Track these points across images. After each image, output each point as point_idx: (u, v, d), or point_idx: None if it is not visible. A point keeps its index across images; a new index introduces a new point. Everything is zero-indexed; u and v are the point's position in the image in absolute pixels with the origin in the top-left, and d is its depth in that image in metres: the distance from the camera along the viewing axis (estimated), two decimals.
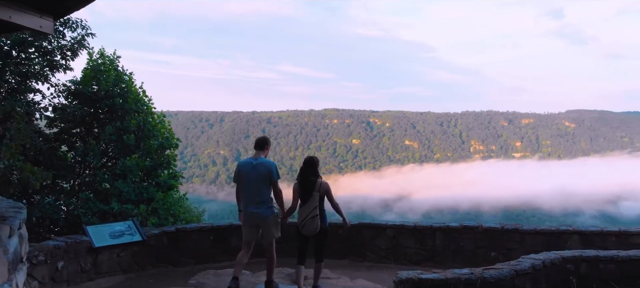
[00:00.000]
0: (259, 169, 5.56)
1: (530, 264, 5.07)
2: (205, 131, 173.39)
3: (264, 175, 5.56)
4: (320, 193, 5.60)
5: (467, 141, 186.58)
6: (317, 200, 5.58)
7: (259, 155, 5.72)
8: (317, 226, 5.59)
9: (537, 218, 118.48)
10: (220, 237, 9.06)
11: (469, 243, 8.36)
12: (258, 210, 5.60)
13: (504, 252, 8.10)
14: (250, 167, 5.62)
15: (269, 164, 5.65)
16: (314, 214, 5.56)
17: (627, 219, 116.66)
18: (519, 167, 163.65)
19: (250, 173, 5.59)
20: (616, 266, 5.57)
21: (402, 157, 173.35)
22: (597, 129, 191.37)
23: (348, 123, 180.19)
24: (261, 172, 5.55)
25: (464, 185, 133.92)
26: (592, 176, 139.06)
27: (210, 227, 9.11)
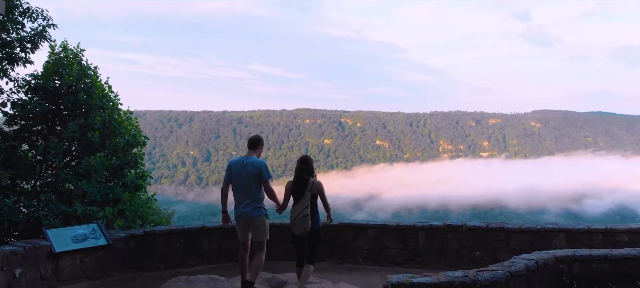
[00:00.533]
0: (248, 168, 5.51)
1: (524, 265, 4.87)
2: (174, 131, 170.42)
3: (253, 174, 5.49)
4: (312, 192, 5.48)
5: (436, 141, 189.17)
6: (309, 199, 5.45)
7: (251, 155, 5.67)
8: (308, 226, 5.44)
9: (504, 217, 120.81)
10: (191, 240, 8.57)
11: (453, 242, 8.12)
12: (247, 210, 5.53)
13: (489, 251, 7.92)
14: (241, 165, 5.57)
15: (259, 163, 5.57)
16: (305, 213, 5.42)
17: (591, 217, 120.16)
18: (486, 166, 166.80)
19: (241, 171, 5.53)
20: (609, 265, 5.41)
21: (373, 157, 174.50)
22: (562, 129, 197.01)
23: (320, 123, 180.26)
24: (251, 171, 5.49)
25: (432, 184, 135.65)
26: (557, 175, 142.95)
27: (181, 230, 8.59)
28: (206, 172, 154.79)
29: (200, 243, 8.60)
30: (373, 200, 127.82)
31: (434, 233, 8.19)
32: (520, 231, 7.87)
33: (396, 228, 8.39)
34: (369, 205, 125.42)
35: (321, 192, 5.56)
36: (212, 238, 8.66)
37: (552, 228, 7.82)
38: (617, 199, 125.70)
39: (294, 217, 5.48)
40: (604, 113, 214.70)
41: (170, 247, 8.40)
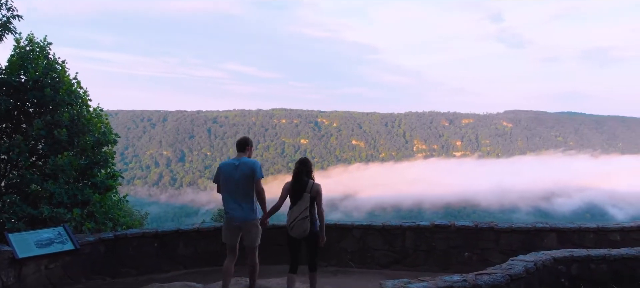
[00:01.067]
0: (241, 169, 5.35)
1: (523, 267, 4.64)
2: (147, 131, 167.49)
3: (246, 175, 5.34)
4: (311, 194, 5.31)
5: (411, 141, 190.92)
6: (308, 201, 5.27)
7: (242, 156, 5.51)
8: (307, 228, 5.24)
9: (478, 215, 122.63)
10: (165, 244, 8.09)
11: (441, 243, 7.85)
12: (240, 213, 5.40)
13: (478, 252, 7.69)
14: (233, 167, 5.40)
15: (252, 163, 5.42)
16: (304, 215, 5.23)
17: (561, 215, 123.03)
18: (459, 165, 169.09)
19: (232, 173, 5.36)
20: (608, 266, 5.24)
21: (349, 157, 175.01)
22: (533, 129, 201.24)
23: (296, 123, 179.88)
24: (244, 172, 5.34)
25: (406, 183, 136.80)
26: (528, 174, 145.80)
27: (154, 233, 8.11)
28: (180, 172, 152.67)
29: (175, 247, 8.14)
30: (348, 200, 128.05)
31: (421, 233, 7.93)
32: (511, 230, 7.65)
33: (382, 229, 8.06)
34: (344, 204, 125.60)
35: (319, 196, 5.40)
36: (187, 242, 8.20)
37: (542, 228, 7.62)
38: (586, 197, 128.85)
39: (292, 219, 5.29)
40: (574, 113, 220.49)
41: (142, 251, 7.91)
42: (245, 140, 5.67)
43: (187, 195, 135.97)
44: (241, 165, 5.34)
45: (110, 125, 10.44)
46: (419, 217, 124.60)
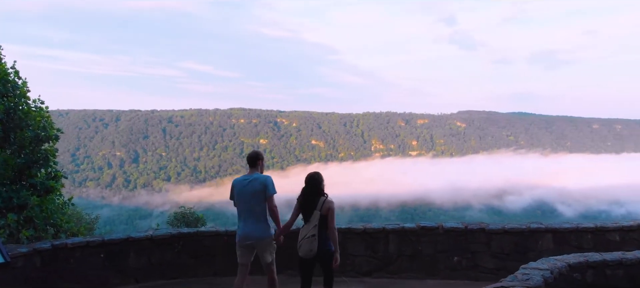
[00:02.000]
0: (253, 185, 5.24)
1: (541, 278, 4.08)
2: (99, 131, 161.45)
3: (258, 191, 5.22)
4: (322, 212, 5.03)
5: (369, 140, 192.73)
6: (317, 219, 5.01)
7: (253, 172, 5.42)
8: (314, 249, 4.97)
9: (433, 213, 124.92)
10: (113, 255, 7.17)
11: (428, 247, 7.28)
12: (252, 230, 5.27)
13: (468, 256, 7.17)
14: (245, 183, 5.28)
15: (264, 178, 5.31)
16: (311, 234, 5.00)
17: (512, 212, 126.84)
18: (414, 164, 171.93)
19: (244, 189, 5.25)
20: (624, 271, 4.75)
21: (309, 157, 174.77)
22: (486, 129, 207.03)
23: (255, 123, 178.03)
24: (255, 188, 5.23)
25: (364, 182, 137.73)
26: (480, 172, 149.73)
27: (100, 242, 7.15)
28: (134, 174, 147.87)
29: (125, 258, 7.24)
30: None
31: (405, 236, 7.32)
32: (503, 232, 7.18)
33: (363, 232, 7.43)
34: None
35: (330, 214, 5.08)
36: (139, 252, 7.31)
37: (538, 229, 7.17)
38: (536, 195, 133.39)
39: (301, 237, 5.07)
40: (525, 113, 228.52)
41: (86, 263, 6.97)
42: (255, 155, 5.53)
43: (142, 197, 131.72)
44: (253, 182, 5.23)
45: (51, 119, 9.30)
46: (376, 216, 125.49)
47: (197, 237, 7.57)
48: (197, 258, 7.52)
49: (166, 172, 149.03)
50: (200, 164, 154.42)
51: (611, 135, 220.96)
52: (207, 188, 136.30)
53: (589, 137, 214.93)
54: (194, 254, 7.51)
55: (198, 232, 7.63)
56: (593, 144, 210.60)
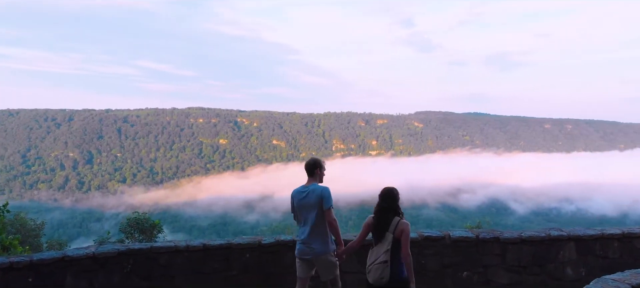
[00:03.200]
0: (310, 197, 5.02)
1: None
2: (51, 131, 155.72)
3: (314, 204, 4.99)
4: (395, 234, 4.59)
5: (330, 140, 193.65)
6: (390, 243, 4.56)
7: (311, 182, 5.16)
8: (386, 276, 4.51)
9: None
10: (45, 278, 6.02)
11: (433, 260, 6.51)
12: (310, 245, 5.03)
13: (480, 270, 6.49)
14: (303, 195, 5.07)
15: (320, 190, 5.02)
16: (383, 259, 4.54)
17: (466, 210, 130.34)
18: (374, 164, 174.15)
19: (302, 201, 5.05)
20: None
21: (270, 157, 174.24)
22: (442, 129, 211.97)
23: (214, 122, 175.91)
24: (312, 200, 5.00)
25: (323, 182, 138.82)
26: (437, 171, 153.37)
27: (28, 263, 5.94)
28: (88, 175, 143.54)
29: (60, 282, 6.09)
30: (266, 201, 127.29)
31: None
32: (520, 241, 6.48)
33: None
34: (261, 205, 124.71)
35: (404, 236, 4.59)
36: (78, 274, 6.15)
37: (559, 237, 6.49)
38: (490, 193, 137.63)
39: (370, 262, 4.64)
40: (480, 114, 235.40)
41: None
42: (313, 163, 5.21)
43: (95, 199, 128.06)
44: (310, 194, 5.01)
45: None
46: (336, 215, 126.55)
47: (151, 254, 6.41)
48: (151, 280, 6.36)
49: (121, 174, 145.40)
50: (157, 165, 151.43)
51: (562, 135, 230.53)
52: (164, 191, 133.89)
53: (541, 137, 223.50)
54: (148, 275, 6.36)
55: (152, 249, 6.42)
56: (545, 143, 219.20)
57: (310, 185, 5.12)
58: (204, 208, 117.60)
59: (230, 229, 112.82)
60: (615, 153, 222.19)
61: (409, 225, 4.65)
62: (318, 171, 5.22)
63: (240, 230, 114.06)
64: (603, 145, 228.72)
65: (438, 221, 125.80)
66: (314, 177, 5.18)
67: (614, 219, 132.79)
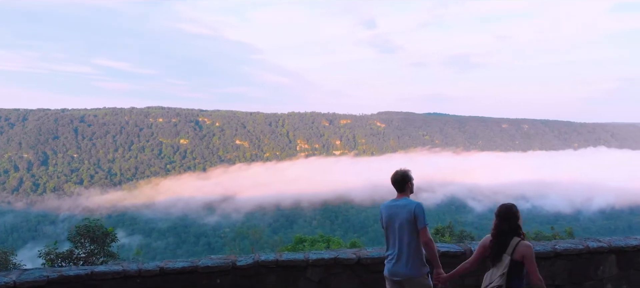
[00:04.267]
0: (401, 214, 4.63)
1: None
2: (4, 131, 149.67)
3: (406, 221, 4.60)
4: (514, 257, 4.09)
5: (294, 140, 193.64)
6: (505, 267, 4.09)
7: (402, 196, 4.80)
8: None
9: (356, 210, 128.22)
10: None
11: None
12: (401, 266, 4.61)
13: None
14: (392, 210, 4.71)
15: (413, 207, 4.63)
16: (497, 284, 4.09)
17: (426, 209, 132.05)
18: (337, 164, 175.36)
19: (393, 218, 4.68)
20: None
21: (233, 157, 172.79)
22: (403, 129, 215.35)
23: (175, 122, 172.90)
24: (404, 217, 4.61)
25: (287, 182, 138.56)
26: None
27: None
28: (43, 177, 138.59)
29: None
30: (227, 202, 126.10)
31: None
32: (554, 256, 5.67)
33: (357, 264, 5.64)
34: (222, 207, 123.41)
35: (527, 261, 4.08)
36: None
37: (599, 249, 5.75)
38: (448, 192, 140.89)
39: (484, 287, 4.26)
40: (439, 114, 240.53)
41: None
42: (403, 176, 4.82)
43: (51, 202, 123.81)
44: (401, 209, 4.63)
45: None
46: (297, 215, 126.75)
47: (91, 282, 5.16)
48: None
49: (78, 175, 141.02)
50: (115, 166, 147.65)
51: (519, 135, 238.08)
52: (121, 192, 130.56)
53: (499, 136, 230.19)
54: None
55: (93, 274, 5.16)
56: (502, 143, 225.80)
57: (400, 199, 4.77)
58: (162, 210, 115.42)
59: (192, 231, 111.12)
60: (570, 152, 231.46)
61: (531, 247, 4.15)
62: (409, 185, 4.86)
63: (200, 232, 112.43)
64: (558, 144, 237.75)
65: None
66: (404, 191, 4.83)
67: (568, 216, 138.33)
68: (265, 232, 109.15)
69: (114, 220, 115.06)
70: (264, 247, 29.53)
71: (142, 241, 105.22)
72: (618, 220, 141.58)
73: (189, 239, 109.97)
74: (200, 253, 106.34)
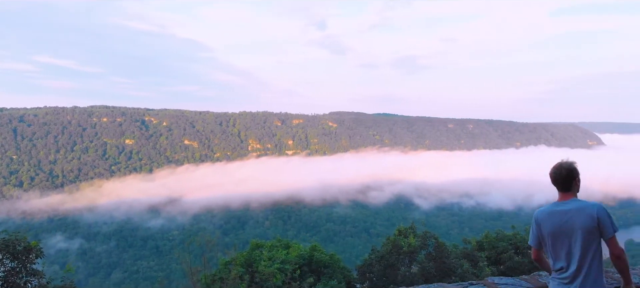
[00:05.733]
0: (576, 220, 3.72)
1: None
2: None
3: (585, 229, 3.70)
4: None
5: (245, 140, 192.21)
6: None
7: (569, 198, 3.85)
8: None
9: (308, 210, 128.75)
10: None
11: None
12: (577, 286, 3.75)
13: None
14: (560, 217, 3.79)
15: (594, 211, 3.72)
16: None
17: (375, 207, 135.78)
18: (288, 163, 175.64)
19: (562, 226, 3.76)
20: None
21: (182, 157, 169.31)
22: (354, 128, 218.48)
23: (120, 122, 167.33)
24: (577, 224, 3.73)
25: (236, 183, 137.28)
26: (348, 170, 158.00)
27: None
28: None
29: None
30: (173, 204, 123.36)
31: None
32: None
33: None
34: (168, 209, 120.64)
35: None
36: None
37: None
38: (396, 190, 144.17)
39: None
40: (389, 114, 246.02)
41: None
42: (569, 171, 3.87)
43: None
44: (574, 214, 3.73)
45: None
46: (247, 217, 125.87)
47: None
48: None
49: (18, 177, 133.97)
50: (56, 168, 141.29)
51: (464, 134, 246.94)
52: (63, 195, 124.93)
53: (445, 136, 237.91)
54: None
55: None
56: (448, 142, 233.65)
57: (569, 201, 3.85)
58: (105, 213, 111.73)
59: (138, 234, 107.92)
60: (512, 151, 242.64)
61: None
62: (576, 183, 3.92)
63: (147, 235, 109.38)
64: (501, 143, 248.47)
65: (351, 218, 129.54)
66: (570, 192, 3.90)
67: (510, 213, 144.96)
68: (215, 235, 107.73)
69: (55, 224, 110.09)
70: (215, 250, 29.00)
71: (83, 246, 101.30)
72: None
73: (136, 243, 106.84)
74: (148, 257, 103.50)
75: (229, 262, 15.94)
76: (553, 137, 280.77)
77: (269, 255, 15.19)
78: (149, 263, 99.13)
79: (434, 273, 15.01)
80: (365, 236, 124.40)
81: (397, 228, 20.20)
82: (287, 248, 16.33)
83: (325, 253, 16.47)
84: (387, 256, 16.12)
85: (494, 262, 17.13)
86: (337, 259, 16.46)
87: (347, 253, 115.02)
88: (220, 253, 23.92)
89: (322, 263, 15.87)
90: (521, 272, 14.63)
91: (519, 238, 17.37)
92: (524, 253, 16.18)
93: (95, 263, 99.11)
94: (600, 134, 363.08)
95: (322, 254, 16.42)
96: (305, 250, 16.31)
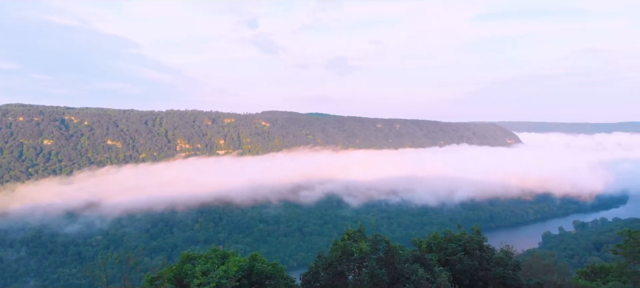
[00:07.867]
0: None
1: None
2: None
3: None
4: None
5: (173, 140, 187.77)
6: None
7: None
8: None
9: (240, 211, 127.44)
10: None
11: None
12: None
13: None
14: None
15: None
16: None
17: (307, 206, 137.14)
18: (217, 164, 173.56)
19: None
20: None
21: (105, 158, 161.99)
22: (288, 128, 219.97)
23: (37, 121, 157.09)
24: None
25: (161, 185, 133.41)
26: (280, 169, 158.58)
27: None
28: None
29: None
30: (92, 208, 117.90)
31: None
32: None
33: None
34: (86, 214, 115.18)
35: None
36: None
37: None
38: (327, 189, 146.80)
39: None
40: (321, 114, 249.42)
41: None
42: None
43: None
44: None
45: None
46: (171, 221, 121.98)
47: None
48: None
49: None
50: None
51: (392, 133, 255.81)
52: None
53: (374, 135, 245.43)
54: None
55: None
56: (377, 141, 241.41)
57: None
58: (18, 219, 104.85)
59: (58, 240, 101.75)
60: (436, 149, 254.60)
61: None
62: None
63: (66, 241, 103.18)
64: (426, 142, 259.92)
65: (284, 218, 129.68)
66: None
67: (434, 209, 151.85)
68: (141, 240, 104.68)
69: None
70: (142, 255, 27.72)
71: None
72: (479, 211, 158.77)
73: (56, 249, 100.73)
74: (69, 264, 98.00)
75: (156, 279, 14.80)
76: (475, 136, 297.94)
77: (203, 268, 14.11)
78: (71, 270, 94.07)
79: (386, 281, 14.17)
80: (298, 235, 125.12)
81: (346, 231, 20.01)
82: (224, 259, 15.24)
83: (267, 263, 15.56)
84: (336, 263, 15.44)
85: (443, 264, 16.95)
86: (280, 268, 15.71)
87: (280, 253, 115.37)
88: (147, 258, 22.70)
89: (264, 274, 14.95)
90: (471, 274, 14.86)
91: (467, 239, 17.24)
92: (472, 255, 16.06)
93: (10, 273, 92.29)
94: (519, 133, 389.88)
95: (264, 264, 15.47)
96: (245, 261, 15.34)
